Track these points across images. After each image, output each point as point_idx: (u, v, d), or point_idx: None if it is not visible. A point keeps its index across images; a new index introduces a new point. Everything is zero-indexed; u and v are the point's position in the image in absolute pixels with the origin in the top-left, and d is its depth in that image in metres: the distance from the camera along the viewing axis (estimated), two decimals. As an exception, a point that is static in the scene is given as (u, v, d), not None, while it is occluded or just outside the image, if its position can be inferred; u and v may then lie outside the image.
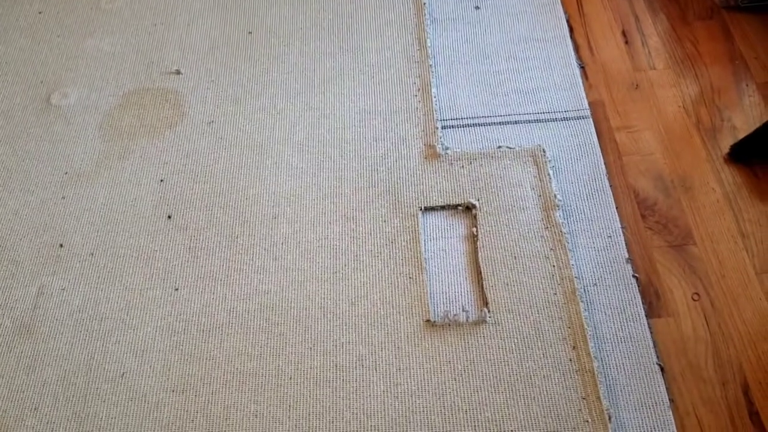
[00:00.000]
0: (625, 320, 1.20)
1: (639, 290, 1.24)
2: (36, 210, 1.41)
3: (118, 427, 1.15)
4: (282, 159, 1.45)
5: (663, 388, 1.13)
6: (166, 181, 1.43)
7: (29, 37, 1.72)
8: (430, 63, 1.57)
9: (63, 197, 1.43)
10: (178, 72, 1.61)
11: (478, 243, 1.30)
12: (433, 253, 1.30)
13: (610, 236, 1.30)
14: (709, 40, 1.60)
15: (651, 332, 1.19)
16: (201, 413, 1.15)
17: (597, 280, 1.25)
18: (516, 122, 1.47)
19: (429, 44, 1.60)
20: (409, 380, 1.16)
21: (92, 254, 1.34)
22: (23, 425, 1.16)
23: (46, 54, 1.68)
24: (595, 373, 1.13)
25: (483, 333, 1.20)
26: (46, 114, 1.57)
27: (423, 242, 1.31)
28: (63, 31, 1.72)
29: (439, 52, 1.60)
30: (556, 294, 1.22)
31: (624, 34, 1.63)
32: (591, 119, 1.46)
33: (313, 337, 1.22)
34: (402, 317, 1.22)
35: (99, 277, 1.31)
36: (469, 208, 1.35)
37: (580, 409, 1.11)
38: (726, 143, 1.42)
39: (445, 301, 1.25)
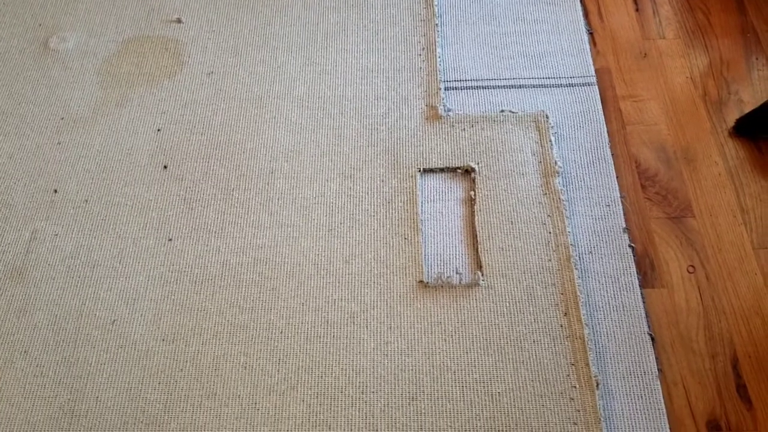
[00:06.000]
0: (618, 289, 1.20)
1: (634, 260, 1.23)
2: (31, 154, 1.40)
3: (107, 373, 1.15)
4: (281, 114, 1.43)
5: (652, 358, 1.13)
6: (163, 131, 1.41)
7: (28, -22, 1.68)
8: (436, 22, 1.53)
9: (59, 143, 1.41)
10: (178, 20, 1.58)
11: (475, 207, 1.29)
12: (429, 215, 1.29)
13: (609, 205, 1.29)
14: (722, 11, 1.56)
15: (644, 302, 1.19)
16: (190, 363, 1.16)
17: (593, 249, 1.24)
18: (520, 86, 1.45)
19: (436, 2, 1.57)
20: (399, 339, 1.16)
21: (86, 201, 1.33)
22: (13, 367, 1.16)
23: (44, -4, 1.65)
24: (586, 339, 1.13)
25: (475, 296, 1.19)
26: (43, 58, 1.54)
27: (420, 204, 1.30)
28: (62, -27, 1.68)
29: (446, 11, 1.57)
30: (550, 260, 1.22)
31: (635, 1, 1.59)
32: (596, 86, 1.44)
33: (305, 293, 1.21)
34: (395, 277, 1.22)
35: (93, 224, 1.30)
36: (468, 172, 1.34)
37: (569, 375, 1.11)
38: (732, 117, 1.40)
39: (439, 262, 1.24)
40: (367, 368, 1.14)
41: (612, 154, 1.35)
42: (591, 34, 1.54)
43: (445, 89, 1.45)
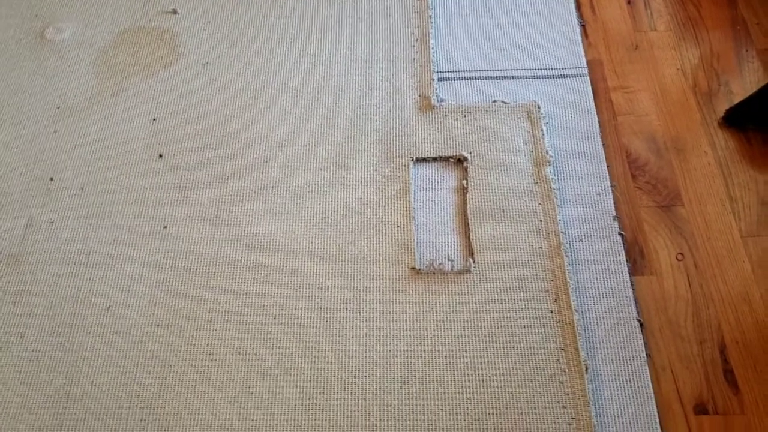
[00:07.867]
0: (608, 276, 1.21)
1: (624, 248, 1.24)
2: (27, 143, 1.41)
3: (102, 358, 1.16)
4: (275, 104, 1.44)
5: (641, 343, 1.15)
6: (158, 120, 1.43)
7: (24, -31, 1.69)
8: (430, 13, 1.55)
9: (55, 131, 1.42)
10: (174, 11, 1.59)
11: (467, 195, 1.30)
12: (422, 203, 1.31)
13: (599, 194, 1.30)
14: (713, 4, 1.58)
15: (633, 289, 1.20)
16: (185, 348, 1.17)
17: (583, 236, 1.25)
18: (513, 77, 1.46)
19: (429, -6, 1.58)
20: (391, 324, 1.17)
21: (82, 189, 1.34)
22: (9, 352, 1.18)
23: (41, -12, 1.65)
24: (575, 325, 1.15)
25: (467, 282, 1.21)
26: (40, 48, 1.55)
27: (413, 192, 1.31)
28: (59, -36, 1.69)
29: (439, 3, 1.58)
30: (541, 248, 1.23)
31: (627, -7, 1.61)
32: (588, 78, 1.45)
33: (299, 280, 1.23)
34: (388, 264, 1.23)
35: (88, 212, 1.32)
36: (460, 161, 1.35)
37: (558, 359, 1.13)
38: (722, 108, 1.41)
39: (431, 250, 1.25)
40: (360, 353, 1.15)
41: (603, 144, 1.36)
42: (583, 26, 1.55)
43: (438, 80, 1.46)
